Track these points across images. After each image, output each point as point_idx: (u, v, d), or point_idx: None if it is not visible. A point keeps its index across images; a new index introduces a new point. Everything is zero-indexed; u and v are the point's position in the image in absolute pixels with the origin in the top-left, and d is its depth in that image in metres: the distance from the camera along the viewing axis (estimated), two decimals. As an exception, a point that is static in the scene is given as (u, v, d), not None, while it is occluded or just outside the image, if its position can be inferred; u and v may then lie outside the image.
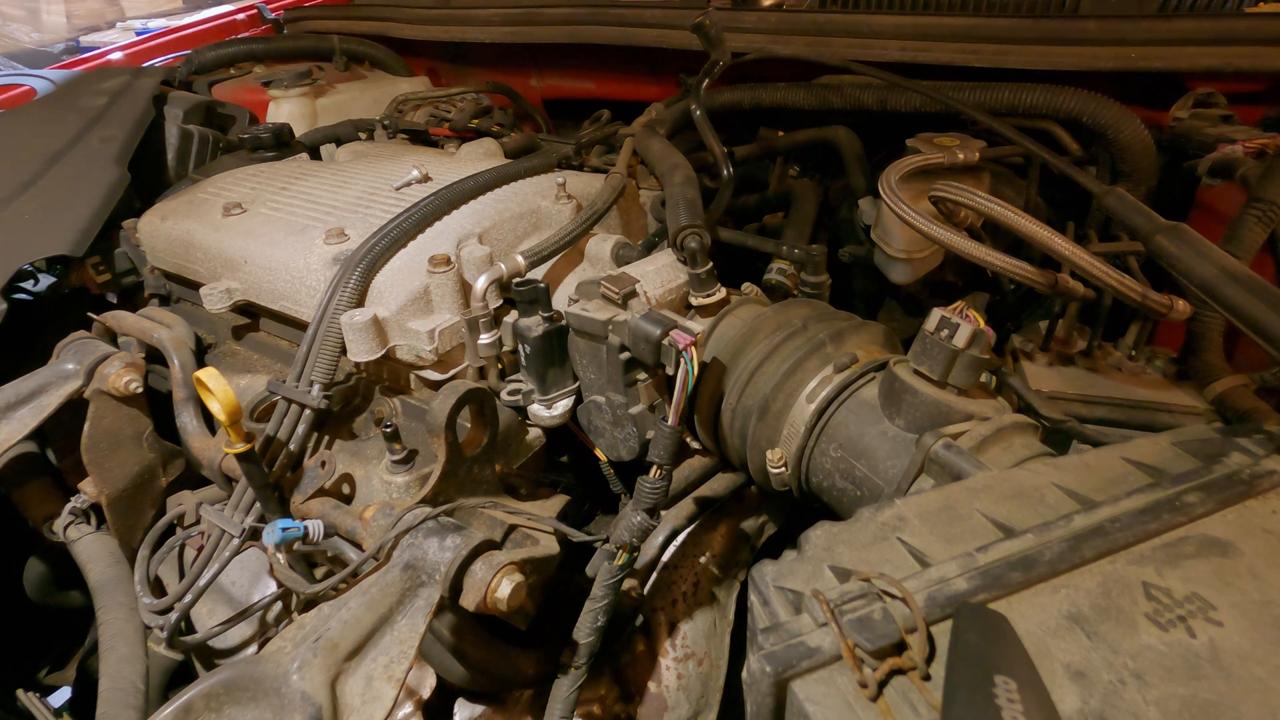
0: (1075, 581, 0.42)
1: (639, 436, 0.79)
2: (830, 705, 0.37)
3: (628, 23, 1.44)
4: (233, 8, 2.11)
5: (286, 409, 0.81)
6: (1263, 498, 0.47)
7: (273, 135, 1.27)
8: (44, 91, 1.50)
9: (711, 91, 1.22)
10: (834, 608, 0.39)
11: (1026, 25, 1.08)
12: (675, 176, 0.93)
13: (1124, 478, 0.50)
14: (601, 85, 1.66)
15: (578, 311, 0.78)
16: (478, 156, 1.19)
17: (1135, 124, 0.98)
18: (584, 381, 0.82)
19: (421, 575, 0.61)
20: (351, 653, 0.56)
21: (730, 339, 0.77)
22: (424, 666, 0.76)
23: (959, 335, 0.61)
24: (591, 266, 0.94)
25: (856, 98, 1.16)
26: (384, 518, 0.68)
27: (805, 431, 0.70)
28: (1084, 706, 0.36)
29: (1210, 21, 1.01)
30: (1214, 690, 0.37)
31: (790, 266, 0.94)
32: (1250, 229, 0.82)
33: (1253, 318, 0.61)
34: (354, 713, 0.54)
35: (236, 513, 0.80)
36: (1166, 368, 0.88)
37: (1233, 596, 0.41)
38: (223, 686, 0.52)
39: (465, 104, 1.52)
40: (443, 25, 1.74)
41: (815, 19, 1.25)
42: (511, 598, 0.62)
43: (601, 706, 0.80)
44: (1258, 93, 1.05)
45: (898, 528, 0.47)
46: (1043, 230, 0.73)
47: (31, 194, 1.12)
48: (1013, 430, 0.61)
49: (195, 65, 1.69)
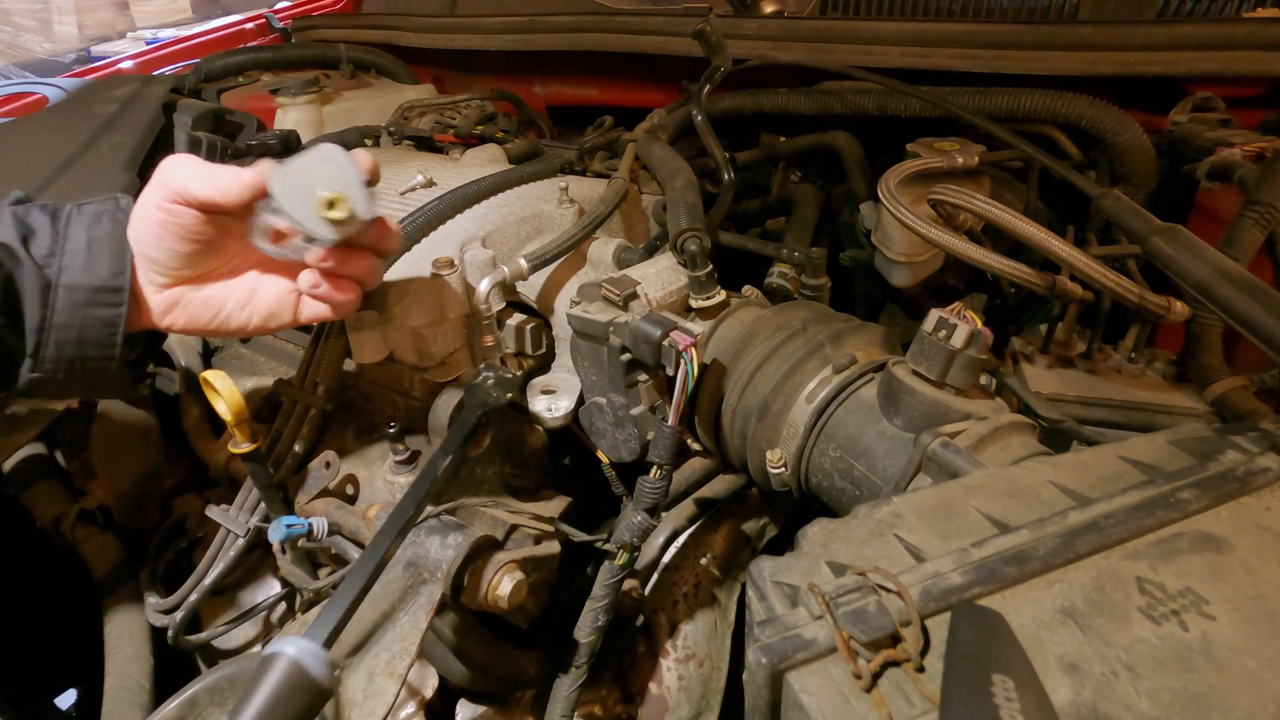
0: (1069, 576, 0.42)
1: (640, 437, 0.80)
2: (825, 696, 0.37)
3: (630, 30, 1.45)
4: (241, 17, 2.14)
5: (291, 410, 0.82)
6: (1256, 494, 0.47)
7: (280, 142, 1.29)
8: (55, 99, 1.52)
9: (713, 97, 1.23)
10: (829, 601, 0.40)
11: (1025, 31, 1.09)
12: (676, 181, 0.94)
13: (1119, 475, 0.51)
14: (604, 92, 1.67)
15: (579, 314, 0.79)
16: (482, 162, 1.20)
17: (1134, 128, 0.99)
18: (585, 383, 0.82)
19: (423, 573, 0.62)
20: (353, 649, 0.56)
21: (730, 340, 0.78)
22: (426, 666, 0.77)
23: (956, 335, 0.62)
24: (593, 269, 0.95)
25: (857, 103, 1.17)
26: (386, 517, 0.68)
27: (804, 432, 0.70)
28: (1076, 698, 0.36)
29: (1209, 27, 1.01)
30: (1206, 682, 0.37)
31: (791, 270, 0.95)
32: (1248, 231, 0.82)
33: (1249, 318, 0.61)
34: (356, 708, 0.54)
35: (242, 513, 0.81)
36: (1166, 370, 0.88)
37: (1225, 591, 0.41)
38: (227, 681, 0.53)
39: (470, 111, 1.53)
40: (448, 34, 1.76)
41: (816, 25, 1.26)
42: (512, 595, 0.63)
43: (602, 707, 0.80)
44: (1256, 97, 1.05)
45: (894, 524, 0.48)
46: (1041, 233, 0.74)
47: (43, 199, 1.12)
48: (1010, 430, 0.61)
49: (204, 73, 1.71)
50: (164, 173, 0.57)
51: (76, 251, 0.56)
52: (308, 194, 0.55)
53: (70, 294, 0.56)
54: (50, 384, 0.58)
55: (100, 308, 0.56)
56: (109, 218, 0.58)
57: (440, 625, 0.69)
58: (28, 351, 0.55)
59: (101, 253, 0.57)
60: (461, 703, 0.80)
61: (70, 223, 0.57)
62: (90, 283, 0.56)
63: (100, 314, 0.57)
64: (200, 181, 0.56)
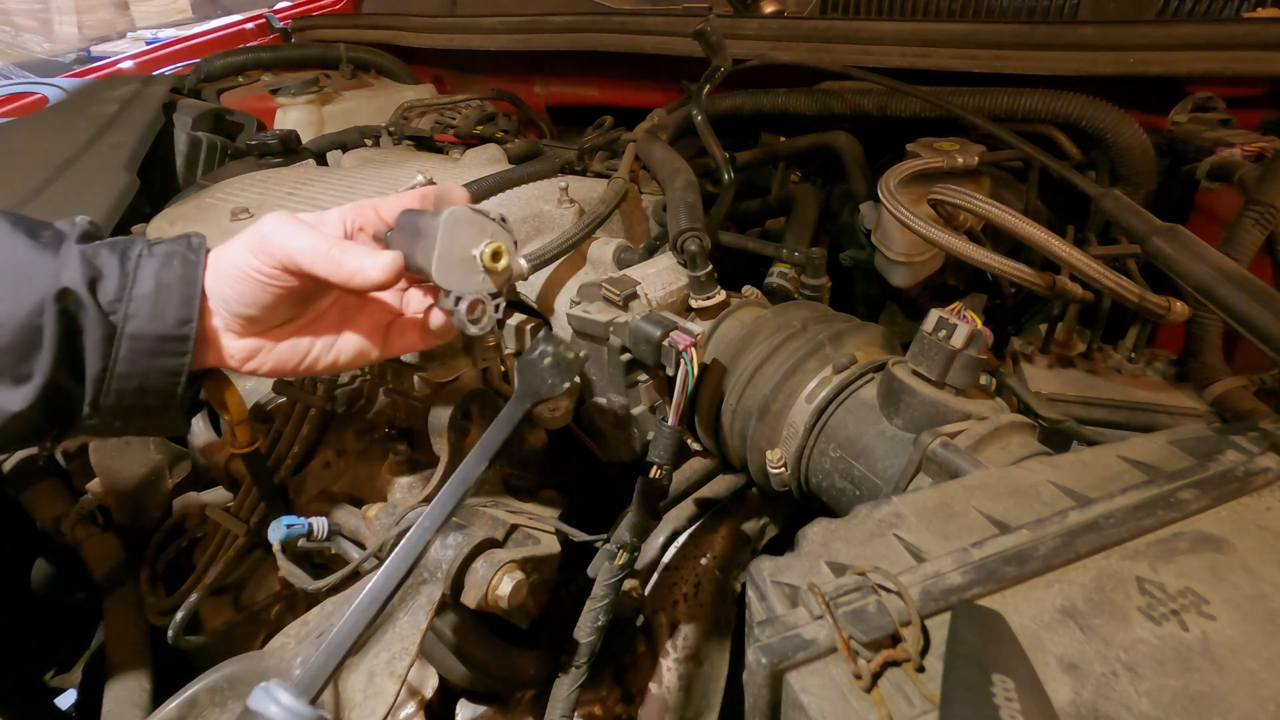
0: (1069, 576, 0.42)
1: (640, 437, 0.80)
2: (825, 696, 0.37)
3: (630, 30, 1.45)
4: (241, 17, 2.14)
5: (292, 410, 0.82)
6: (1256, 494, 0.47)
7: (280, 142, 1.29)
8: (56, 99, 1.52)
9: (713, 97, 1.23)
10: (829, 601, 0.40)
11: (1025, 31, 1.09)
12: (676, 181, 0.94)
13: (1119, 475, 0.51)
14: (604, 92, 1.67)
15: (579, 314, 0.79)
16: (481, 162, 1.20)
17: (1134, 128, 0.99)
18: (586, 383, 0.82)
19: (423, 573, 0.62)
20: (354, 649, 0.56)
21: (730, 340, 0.78)
22: (426, 666, 0.77)
23: (956, 335, 0.62)
24: (593, 269, 0.95)
25: (857, 103, 1.17)
26: (386, 517, 0.68)
27: (804, 432, 0.70)
28: (1076, 698, 0.36)
29: (1209, 27, 1.01)
30: (1205, 682, 0.37)
31: (791, 270, 0.95)
32: (1248, 231, 0.82)
33: (1248, 318, 0.61)
34: (356, 708, 0.54)
35: (242, 513, 0.81)
36: (1166, 370, 0.88)
37: (1225, 591, 0.41)
38: (227, 681, 0.53)
39: (470, 111, 1.53)
40: (448, 34, 1.76)
41: (816, 25, 1.27)
42: (512, 595, 0.63)
43: (603, 707, 0.80)
44: (1256, 97, 1.05)
45: (894, 524, 0.48)
46: (1040, 233, 0.74)
47: (43, 199, 1.13)
48: (1010, 429, 0.61)
49: (204, 73, 1.72)
50: (269, 239, 0.53)
51: (144, 297, 0.52)
52: (466, 260, 0.53)
53: (134, 343, 0.52)
54: (106, 427, 0.56)
55: (165, 357, 0.53)
56: (179, 260, 0.54)
57: (440, 625, 0.69)
58: (86, 400, 0.53)
59: (170, 299, 0.53)
60: (461, 703, 0.80)
61: (140, 265, 0.53)
62: (156, 331, 0.53)
63: (164, 364, 0.53)
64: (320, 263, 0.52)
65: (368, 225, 0.57)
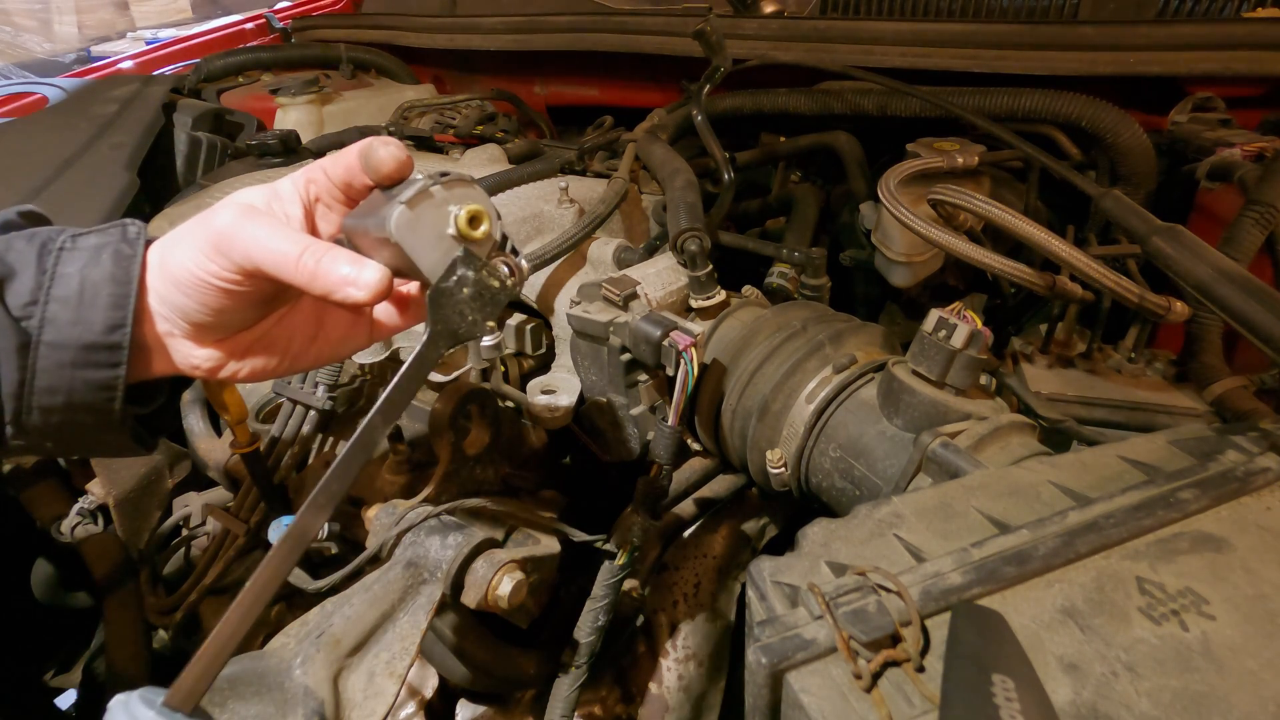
0: (1069, 576, 0.42)
1: (640, 437, 0.80)
2: (825, 696, 0.37)
3: (630, 30, 1.45)
4: (241, 17, 2.14)
5: (291, 410, 0.82)
6: (1256, 494, 0.47)
7: (280, 142, 1.29)
8: (55, 99, 1.52)
9: (713, 97, 1.23)
10: (829, 601, 0.40)
11: (1025, 31, 1.09)
12: (676, 181, 0.94)
13: (1119, 475, 0.51)
14: (604, 92, 1.67)
15: (579, 314, 0.79)
16: (481, 162, 1.20)
17: (1134, 128, 0.99)
18: (585, 383, 0.82)
19: (423, 573, 0.62)
20: (354, 649, 0.56)
21: (730, 340, 0.78)
22: (426, 666, 0.77)
23: (956, 335, 0.62)
24: (593, 269, 0.95)
25: (857, 103, 1.17)
26: (386, 516, 0.68)
27: (804, 432, 0.70)
28: (1076, 698, 0.36)
29: (1209, 27, 1.01)
30: (1205, 682, 0.37)
31: (791, 270, 0.95)
32: (1248, 231, 0.82)
33: (1248, 318, 0.61)
34: (356, 708, 0.54)
35: (241, 513, 0.81)
36: (1166, 370, 0.88)
37: (1225, 591, 0.41)
38: (226, 681, 0.53)
39: (470, 111, 1.53)
40: (448, 34, 1.76)
41: (816, 25, 1.26)
42: (512, 595, 0.63)
43: (603, 707, 0.80)
44: (1256, 97, 1.05)
45: (894, 524, 0.48)
46: (1040, 233, 0.74)
47: (43, 199, 1.13)
48: (1010, 429, 0.61)
49: (204, 73, 1.72)
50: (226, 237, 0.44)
51: (65, 299, 0.44)
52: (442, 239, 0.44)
53: (54, 353, 0.44)
54: (37, 448, 0.48)
55: (92, 369, 0.45)
56: (110, 254, 0.45)
57: (440, 625, 0.69)
58: (6, 418, 0.45)
59: (97, 301, 0.45)
60: (461, 703, 0.80)
61: (60, 260, 0.45)
62: (81, 339, 0.44)
63: (92, 376, 0.45)
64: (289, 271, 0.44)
65: (322, 193, 0.50)
